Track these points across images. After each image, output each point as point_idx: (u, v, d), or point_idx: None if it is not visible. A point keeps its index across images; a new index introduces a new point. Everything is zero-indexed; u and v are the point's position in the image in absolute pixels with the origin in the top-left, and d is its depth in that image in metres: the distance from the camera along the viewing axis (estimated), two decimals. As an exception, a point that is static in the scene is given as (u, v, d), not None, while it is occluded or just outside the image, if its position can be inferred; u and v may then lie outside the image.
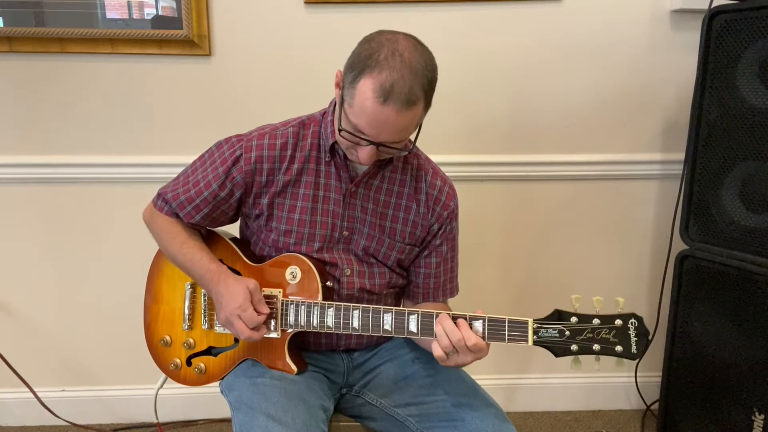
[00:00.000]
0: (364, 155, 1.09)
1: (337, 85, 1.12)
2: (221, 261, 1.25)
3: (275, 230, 1.23)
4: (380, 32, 1.08)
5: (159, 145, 1.86)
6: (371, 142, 1.06)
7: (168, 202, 1.26)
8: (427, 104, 1.09)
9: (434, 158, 1.35)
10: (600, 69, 1.88)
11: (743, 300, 1.56)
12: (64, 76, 1.81)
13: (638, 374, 2.05)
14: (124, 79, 1.82)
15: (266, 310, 1.14)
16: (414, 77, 1.02)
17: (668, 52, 1.87)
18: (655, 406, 1.95)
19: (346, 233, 1.24)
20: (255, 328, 1.13)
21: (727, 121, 1.56)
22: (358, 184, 1.22)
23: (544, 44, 1.85)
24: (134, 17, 1.75)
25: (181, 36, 1.77)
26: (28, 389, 1.93)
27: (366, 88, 1.02)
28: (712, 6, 1.55)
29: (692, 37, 1.79)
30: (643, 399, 2.07)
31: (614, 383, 2.12)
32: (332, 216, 1.23)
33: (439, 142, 1.87)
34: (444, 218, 1.28)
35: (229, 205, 1.25)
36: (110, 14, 1.75)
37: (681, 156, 1.71)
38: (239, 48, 1.81)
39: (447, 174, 1.33)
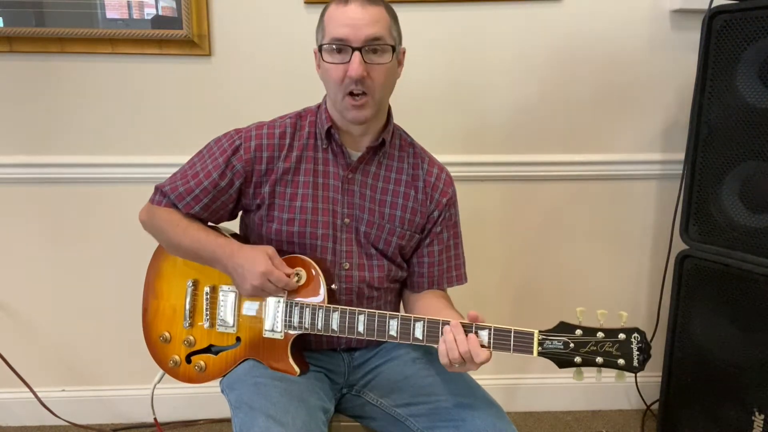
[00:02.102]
0: (353, 69, 1.11)
1: (315, 55, 1.22)
2: None
3: (277, 219, 1.24)
4: None
5: (159, 145, 1.86)
6: (353, 49, 1.11)
7: (166, 195, 1.26)
8: (392, 17, 1.19)
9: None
10: (600, 69, 1.88)
11: (743, 300, 1.56)
12: (64, 76, 1.81)
13: (638, 374, 2.04)
14: (124, 79, 1.82)
15: (289, 269, 1.17)
16: None
17: (668, 52, 1.87)
18: (655, 406, 1.95)
19: (347, 221, 1.25)
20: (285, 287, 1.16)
21: (727, 121, 1.56)
22: (354, 170, 1.25)
23: (544, 44, 1.85)
24: (134, 17, 1.75)
25: (181, 36, 1.77)
26: (28, 389, 1.93)
27: (330, 7, 1.16)
28: (712, 6, 1.55)
29: (692, 37, 1.79)
30: (643, 399, 2.07)
31: (614, 383, 2.08)
32: (332, 203, 1.24)
33: (439, 142, 1.85)
34: (443, 205, 1.30)
35: (228, 196, 1.25)
36: (110, 14, 1.75)
37: (681, 156, 1.71)
38: (239, 48, 1.81)
39: (446, 173, 1.34)
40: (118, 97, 1.83)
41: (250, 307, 1.22)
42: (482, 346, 1.04)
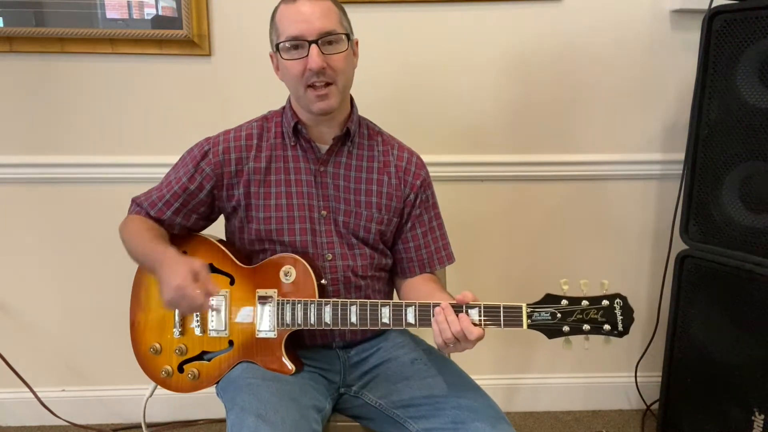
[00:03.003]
0: (312, 61, 1.14)
1: (272, 58, 1.26)
2: (211, 264, 1.24)
3: (255, 219, 1.26)
4: None
5: (159, 145, 1.86)
6: (310, 43, 1.14)
7: (140, 204, 1.30)
8: (340, 9, 1.21)
9: (434, 158, 1.36)
10: (600, 69, 1.87)
11: (743, 300, 1.56)
12: (64, 76, 1.81)
13: (638, 374, 2.05)
14: (124, 79, 1.82)
15: (214, 289, 1.08)
16: None
17: (668, 52, 1.87)
18: (655, 406, 1.95)
19: (324, 213, 1.27)
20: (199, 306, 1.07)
21: (727, 121, 1.56)
22: (325, 163, 1.28)
23: (544, 44, 1.85)
24: (134, 17, 1.75)
25: (181, 36, 1.77)
26: (28, 389, 1.93)
27: (279, 7, 1.19)
28: (712, 6, 1.55)
29: (692, 37, 1.79)
30: (643, 399, 2.07)
31: (614, 383, 2.12)
32: (307, 197, 1.27)
33: (440, 142, 1.87)
34: (418, 187, 1.32)
35: (199, 200, 1.27)
36: (110, 14, 1.75)
37: (681, 156, 1.71)
38: (239, 48, 1.81)
39: (447, 174, 1.35)
40: (118, 97, 1.83)
41: (242, 310, 1.22)
42: (474, 324, 1.05)
